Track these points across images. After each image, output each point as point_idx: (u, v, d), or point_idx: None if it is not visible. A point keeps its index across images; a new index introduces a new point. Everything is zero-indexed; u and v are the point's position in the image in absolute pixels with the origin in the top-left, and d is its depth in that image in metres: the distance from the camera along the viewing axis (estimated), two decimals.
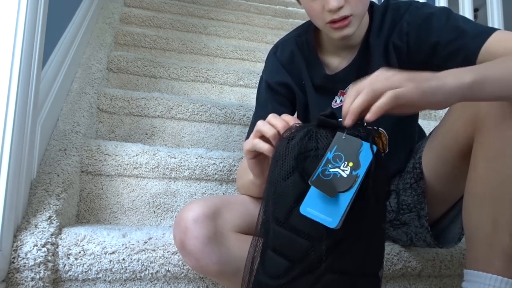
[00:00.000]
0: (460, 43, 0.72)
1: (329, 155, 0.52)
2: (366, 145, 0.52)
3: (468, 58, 0.71)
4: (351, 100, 0.55)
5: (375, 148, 0.52)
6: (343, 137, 0.53)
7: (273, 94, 0.91)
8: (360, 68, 0.84)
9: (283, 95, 0.91)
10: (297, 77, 0.90)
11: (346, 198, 0.49)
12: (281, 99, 0.91)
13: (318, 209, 0.50)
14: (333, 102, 0.88)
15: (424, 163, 0.81)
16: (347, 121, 0.54)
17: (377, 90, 0.54)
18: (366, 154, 0.51)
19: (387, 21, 0.82)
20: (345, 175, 0.50)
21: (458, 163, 0.73)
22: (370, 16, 0.84)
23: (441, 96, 0.55)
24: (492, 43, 0.69)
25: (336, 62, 0.87)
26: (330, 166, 0.51)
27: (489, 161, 0.63)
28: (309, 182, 0.51)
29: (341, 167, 0.51)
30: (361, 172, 0.50)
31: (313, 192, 0.51)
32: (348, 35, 0.76)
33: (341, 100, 0.87)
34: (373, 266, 0.56)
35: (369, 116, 0.53)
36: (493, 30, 0.72)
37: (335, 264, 0.52)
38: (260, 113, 0.90)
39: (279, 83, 0.90)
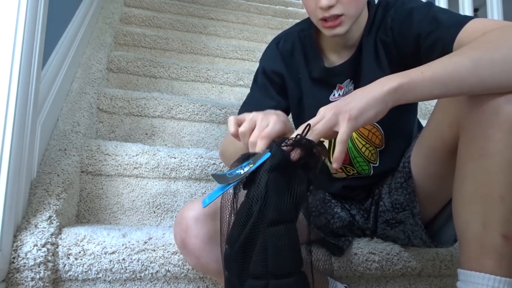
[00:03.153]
0: (437, 34, 0.72)
1: (243, 164, 0.59)
2: (268, 154, 0.59)
3: (445, 50, 0.71)
4: (315, 122, 0.60)
5: (268, 154, 0.58)
6: (261, 151, 0.61)
7: (266, 81, 0.93)
8: (356, 65, 0.85)
9: (277, 84, 0.93)
10: (295, 70, 0.91)
11: (228, 186, 0.57)
12: (274, 86, 0.93)
13: (210, 197, 0.58)
14: (331, 96, 0.89)
15: (413, 163, 0.81)
16: (312, 137, 0.59)
17: (320, 131, 0.59)
18: (263, 158, 0.58)
19: (377, 19, 0.83)
20: (242, 172, 0.57)
21: (445, 163, 0.73)
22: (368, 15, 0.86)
23: (372, 110, 0.60)
24: (464, 35, 0.69)
25: (334, 58, 0.89)
26: (238, 169, 0.59)
27: (474, 160, 0.62)
28: (211, 175, 0.59)
29: (244, 169, 0.58)
30: (251, 169, 0.57)
31: (216, 189, 0.59)
32: (339, 34, 0.77)
33: (339, 94, 0.89)
34: (282, 266, 0.55)
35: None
36: (468, 19, 0.70)
37: (246, 267, 0.56)
38: (254, 90, 0.95)
39: (274, 71, 0.92)
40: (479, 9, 3.66)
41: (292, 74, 0.92)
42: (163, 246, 0.78)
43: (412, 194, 0.81)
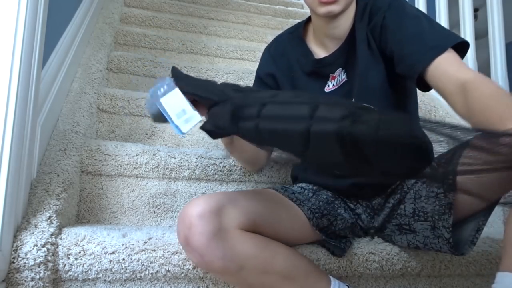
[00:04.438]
0: (415, 50, 0.77)
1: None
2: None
3: (416, 67, 0.77)
4: None
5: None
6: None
7: (260, 85, 1.01)
8: (348, 53, 0.89)
9: (270, 86, 0.99)
10: (287, 69, 0.97)
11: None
12: (268, 88, 1.00)
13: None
14: (326, 87, 0.93)
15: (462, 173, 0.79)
16: None
17: None
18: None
19: (368, 7, 0.87)
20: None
21: (505, 174, 0.72)
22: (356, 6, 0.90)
23: None
24: (438, 65, 0.74)
25: (323, 51, 0.93)
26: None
27: None
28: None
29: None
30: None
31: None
32: (333, 11, 0.81)
33: (333, 85, 0.92)
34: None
35: None
36: (448, 44, 0.75)
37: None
38: None
39: (267, 74, 0.99)
40: (479, 9, 3.66)
41: (284, 73, 0.97)
42: (163, 246, 0.78)
43: (447, 207, 0.79)
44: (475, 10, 3.45)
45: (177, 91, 0.71)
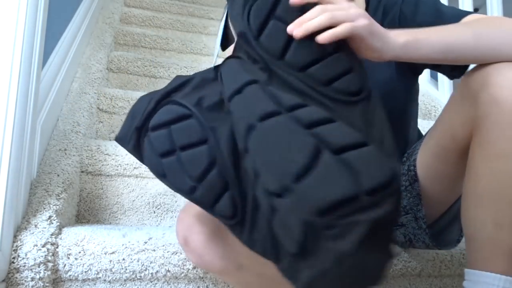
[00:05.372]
0: (437, 24, 0.77)
1: None
2: None
3: None
4: (310, 17, 0.58)
5: None
6: None
7: None
8: None
9: None
10: None
11: None
12: None
13: None
14: None
15: (419, 165, 0.80)
16: (298, 32, 0.57)
17: (337, 18, 0.57)
18: None
19: (382, 2, 0.87)
20: None
21: (455, 163, 0.72)
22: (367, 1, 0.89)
23: (380, 43, 0.60)
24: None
25: None
26: None
27: (490, 161, 0.61)
28: None
29: None
30: None
31: None
32: None
33: None
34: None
35: (321, 38, 0.56)
36: (468, 13, 0.76)
37: None
38: None
39: None
40: (479, 9, 3.66)
41: None
42: (163, 246, 0.78)
43: (417, 197, 0.80)
44: (475, 10, 3.45)
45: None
